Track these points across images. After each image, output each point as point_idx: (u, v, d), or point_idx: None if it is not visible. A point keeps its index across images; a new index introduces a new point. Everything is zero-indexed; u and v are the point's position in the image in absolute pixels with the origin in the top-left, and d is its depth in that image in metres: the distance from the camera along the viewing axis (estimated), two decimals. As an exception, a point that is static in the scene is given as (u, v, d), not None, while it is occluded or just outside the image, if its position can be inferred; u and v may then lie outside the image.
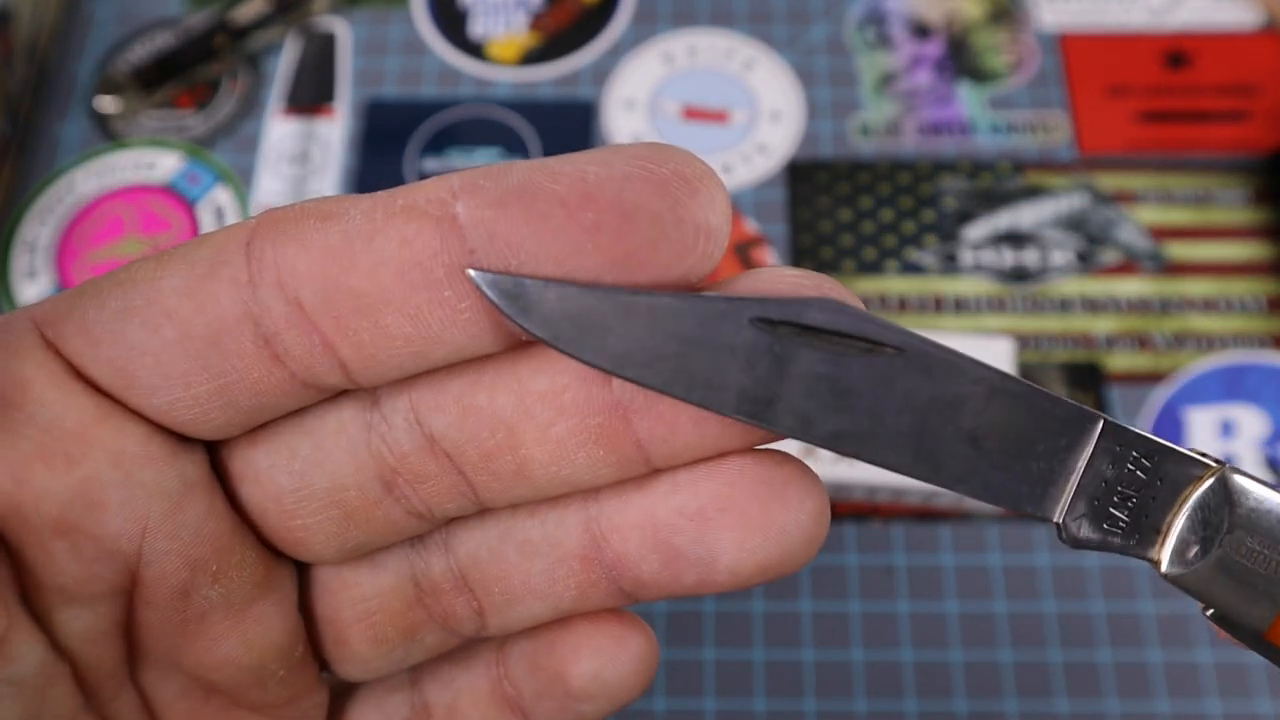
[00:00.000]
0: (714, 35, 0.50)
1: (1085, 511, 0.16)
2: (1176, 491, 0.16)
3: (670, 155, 0.14)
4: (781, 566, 0.16)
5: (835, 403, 0.15)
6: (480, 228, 0.14)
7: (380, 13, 0.51)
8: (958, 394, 0.15)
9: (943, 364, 0.15)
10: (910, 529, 0.39)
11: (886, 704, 0.37)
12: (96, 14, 0.51)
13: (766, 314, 0.15)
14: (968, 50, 0.49)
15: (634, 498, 0.17)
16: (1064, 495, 0.16)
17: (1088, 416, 0.16)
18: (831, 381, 0.15)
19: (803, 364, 0.15)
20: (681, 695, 0.37)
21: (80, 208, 0.46)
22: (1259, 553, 0.15)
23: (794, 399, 0.15)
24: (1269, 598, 0.15)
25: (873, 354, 0.15)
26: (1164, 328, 0.43)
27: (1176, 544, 0.16)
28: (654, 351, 0.15)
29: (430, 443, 0.16)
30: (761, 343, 0.15)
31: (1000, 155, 0.46)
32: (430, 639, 0.19)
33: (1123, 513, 0.16)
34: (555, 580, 0.17)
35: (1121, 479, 0.16)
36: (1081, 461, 0.16)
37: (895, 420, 0.15)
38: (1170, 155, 0.46)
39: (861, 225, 0.45)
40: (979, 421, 0.15)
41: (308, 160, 0.47)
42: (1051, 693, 0.37)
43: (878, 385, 0.15)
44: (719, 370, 0.15)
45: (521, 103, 0.48)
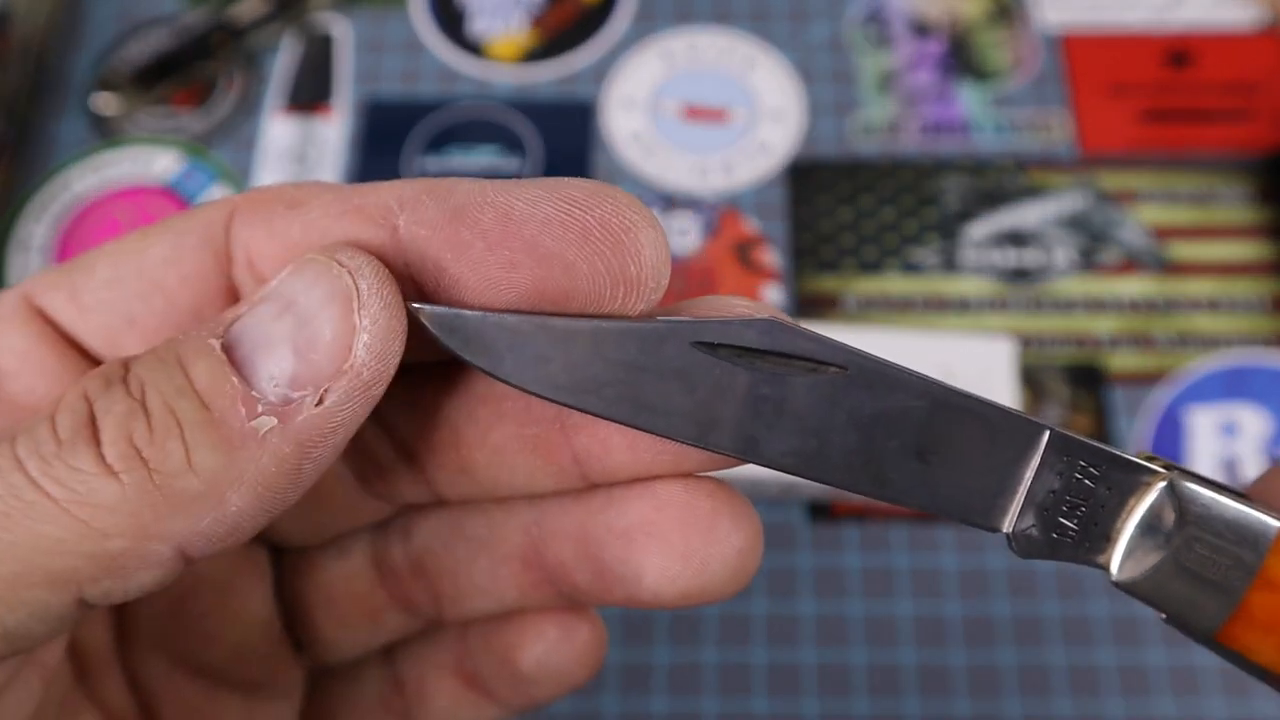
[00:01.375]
0: (714, 34, 0.49)
1: (1034, 521, 0.16)
2: (1125, 499, 0.16)
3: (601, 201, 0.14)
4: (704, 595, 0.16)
5: (780, 423, 0.15)
6: (415, 244, 0.15)
7: (379, 11, 0.50)
8: (903, 409, 0.15)
9: (887, 380, 0.15)
10: (910, 530, 0.39)
11: (887, 705, 0.37)
12: (94, 12, 0.51)
13: (706, 337, 0.15)
14: (969, 49, 0.49)
15: (571, 508, 0.17)
16: (1012, 506, 0.16)
17: (1034, 427, 0.16)
18: (775, 402, 0.15)
19: (745, 386, 0.15)
20: (683, 696, 0.37)
21: (77, 207, 0.46)
22: (1208, 557, 0.16)
23: (738, 421, 0.15)
24: (1218, 599, 0.15)
25: (816, 373, 0.15)
26: (1166, 327, 0.43)
27: (1126, 551, 0.16)
28: (595, 378, 0.15)
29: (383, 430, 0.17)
30: (703, 366, 0.15)
31: (1002, 154, 0.46)
32: (392, 621, 0.19)
33: (1072, 521, 0.16)
34: (497, 579, 0.18)
35: (1070, 488, 0.16)
36: (1029, 472, 0.16)
37: (841, 438, 0.15)
38: (1172, 154, 0.46)
39: (862, 224, 0.45)
40: (925, 436, 0.15)
41: (306, 159, 0.47)
42: (1052, 693, 0.37)
43: (822, 404, 0.15)
44: (661, 394, 0.15)
45: (521, 102, 0.48)
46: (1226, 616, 0.15)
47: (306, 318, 0.14)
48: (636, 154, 0.47)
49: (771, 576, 0.38)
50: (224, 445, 0.14)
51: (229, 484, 0.14)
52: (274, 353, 0.14)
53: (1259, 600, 0.15)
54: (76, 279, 0.16)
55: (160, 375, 0.14)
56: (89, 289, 0.16)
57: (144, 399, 0.14)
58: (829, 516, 0.39)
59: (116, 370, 0.14)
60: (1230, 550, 0.15)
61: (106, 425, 0.14)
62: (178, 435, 0.14)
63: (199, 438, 0.14)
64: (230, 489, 0.14)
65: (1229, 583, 0.15)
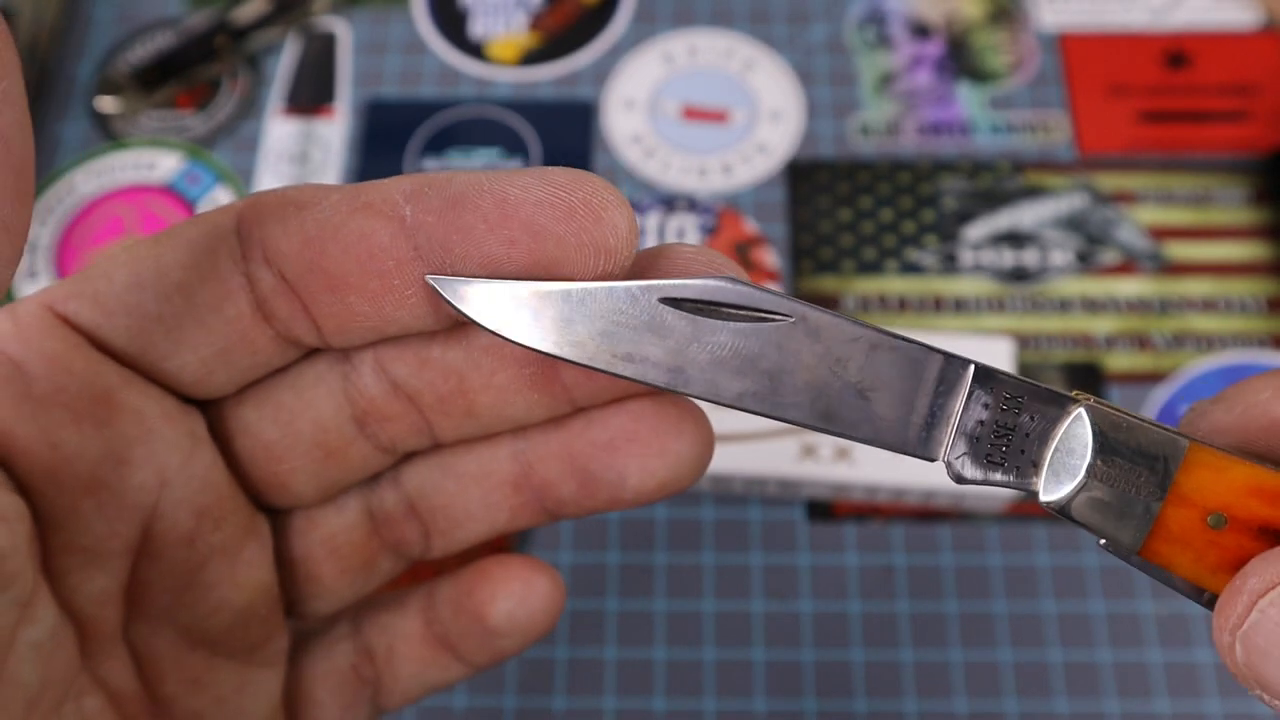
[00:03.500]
0: (714, 35, 0.50)
1: (966, 450, 0.17)
2: (1048, 426, 0.17)
3: (582, 185, 0.17)
4: (677, 484, 0.19)
5: (738, 367, 0.17)
6: (422, 230, 0.17)
7: (380, 13, 0.51)
8: (842, 352, 0.17)
9: (827, 327, 0.17)
10: (910, 529, 0.39)
11: (886, 704, 0.37)
12: (97, 14, 0.51)
13: (673, 294, 0.17)
14: (968, 50, 0.49)
15: (555, 433, 0.20)
16: (946, 437, 0.17)
17: (959, 363, 0.17)
18: (733, 349, 0.17)
19: (707, 335, 0.17)
20: (682, 695, 0.37)
21: (80, 208, 0.46)
22: (1125, 477, 0.17)
23: (701, 366, 0.17)
24: (1138, 518, 0.17)
25: (766, 322, 0.17)
26: (1163, 328, 0.43)
27: (1050, 475, 0.17)
28: (581, 333, 0.17)
29: (394, 388, 0.19)
30: (670, 320, 0.17)
31: (1000, 155, 0.46)
32: (385, 565, 0.21)
33: (1000, 449, 0.17)
34: (490, 505, 0.20)
35: (996, 419, 0.17)
36: (959, 404, 0.17)
37: (792, 379, 0.17)
38: (1170, 155, 0.46)
39: (861, 225, 0.45)
40: (863, 375, 0.17)
41: (308, 160, 0.47)
42: (1051, 692, 0.37)
43: (773, 349, 0.17)
44: (636, 345, 0.17)
45: (521, 103, 0.48)
46: (1146, 533, 0.17)
47: None
48: (636, 154, 0.47)
49: (771, 575, 0.39)
50: None
51: None
52: None
53: (1173, 515, 0.17)
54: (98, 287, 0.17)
55: None
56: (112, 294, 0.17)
57: None
58: (828, 516, 0.40)
59: None
60: (1144, 469, 0.17)
61: None
62: None
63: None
64: None
65: (1146, 501, 0.17)
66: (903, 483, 0.37)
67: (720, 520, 0.40)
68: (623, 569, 0.39)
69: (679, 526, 0.39)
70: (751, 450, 0.37)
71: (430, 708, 0.37)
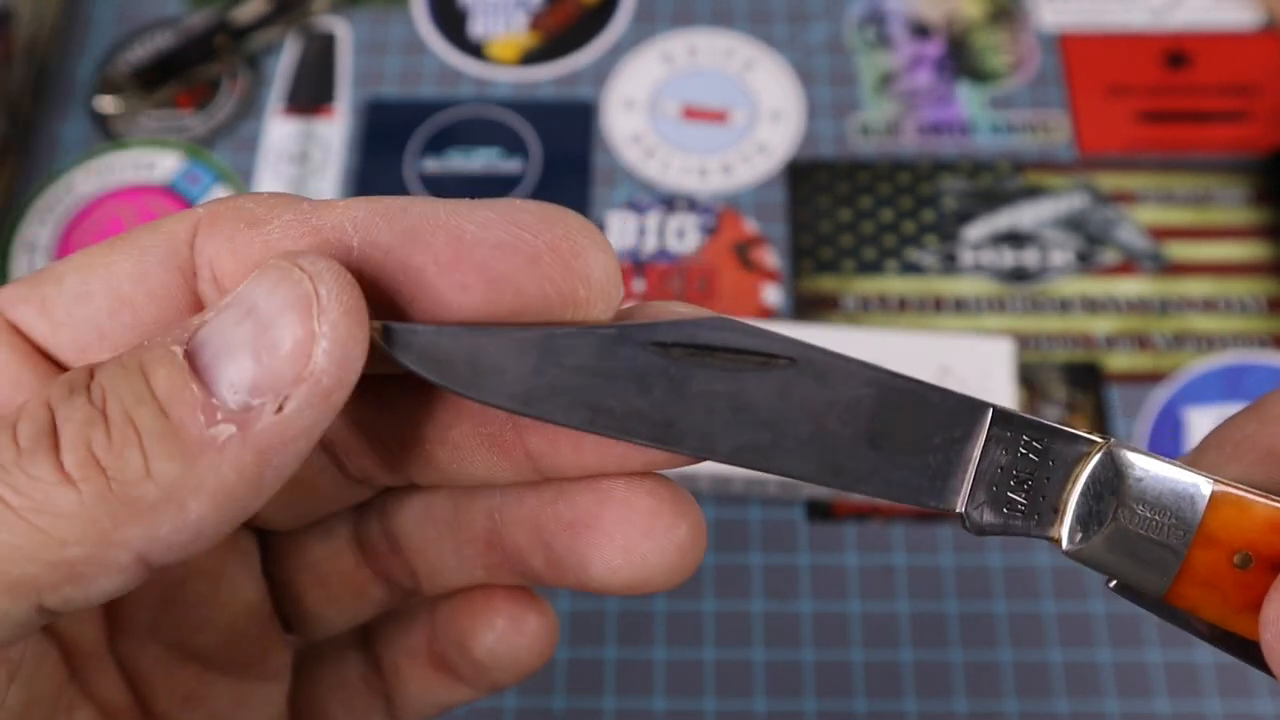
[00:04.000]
0: (714, 35, 0.50)
1: (985, 499, 0.16)
2: (1068, 470, 0.16)
3: (552, 225, 0.15)
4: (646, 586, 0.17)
5: (735, 418, 0.15)
6: (369, 266, 0.15)
7: (380, 13, 0.51)
8: (852, 397, 0.16)
9: (834, 370, 0.16)
10: (909, 529, 0.39)
11: (886, 703, 0.37)
12: (96, 14, 0.51)
13: (659, 337, 0.15)
14: (968, 50, 0.49)
15: (527, 497, 0.18)
16: (963, 485, 0.16)
17: (977, 406, 0.16)
18: (729, 398, 0.15)
19: (699, 383, 0.15)
20: (682, 695, 0.37)
21: (80, 208, 0.46)
22: (1150, 519, 0.16)
23: (694, 418, 0.15)
24: (1163, 562, 0.16)
25: (766, 367, 0.16)
26: (1164, 328, 0.43)
27: (1073, 521, 0.16)
28: (550, 386, 0.15)
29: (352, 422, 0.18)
30: (656, 366, 0.15)
31: (1000, 155, 0.46)
32: (376, 594, 0.20)
33: (1020, 496, 0.16)
34: (464, 558, 0.19)
35: (1016, 463, 0.16)
36: (976, 450, 0.16)
37: (795, 429, 0.16)
38: (1170, 155, 0.46)
39: (861, 225, 0.45)
40: (875, 422, 0.16)
41: (308, 160, 0.47)
42: (1051, 693, 0.37)
43: (774, 397, 0.16)
44: (617, 398, 0.15)
45: (521, 103, 0.48)
46: (1172, 577, 0.16)
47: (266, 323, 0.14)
48: (636, 154, 0.47)
49: (771, 576, 0.39)
50: (182, 454, 0.14)
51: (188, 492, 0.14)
52: (235, 359, 0.14)
53: (1200, 558, 0.16)
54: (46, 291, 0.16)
55: (121, 382, 0.14)
56: (59, 304, 0.16)
57: (104, 406, 0.14)
58: (828, 516, 0.40)
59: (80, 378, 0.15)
60: (1170, 512, 0.16)
61: (66, 433, 0.14)
62: (136, 443, 0.14)
63: (157, 446, 0.14)
64: (190, 497, 0.14)
65: (1171, 544, 0.16)
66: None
67: (720, 520, 0.40)
68: (623, 569, 0.39)
69: (679, 526, 0.39)
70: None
71: (430, 708, 0.37)
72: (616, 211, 0.45)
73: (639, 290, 0.44)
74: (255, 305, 0.14)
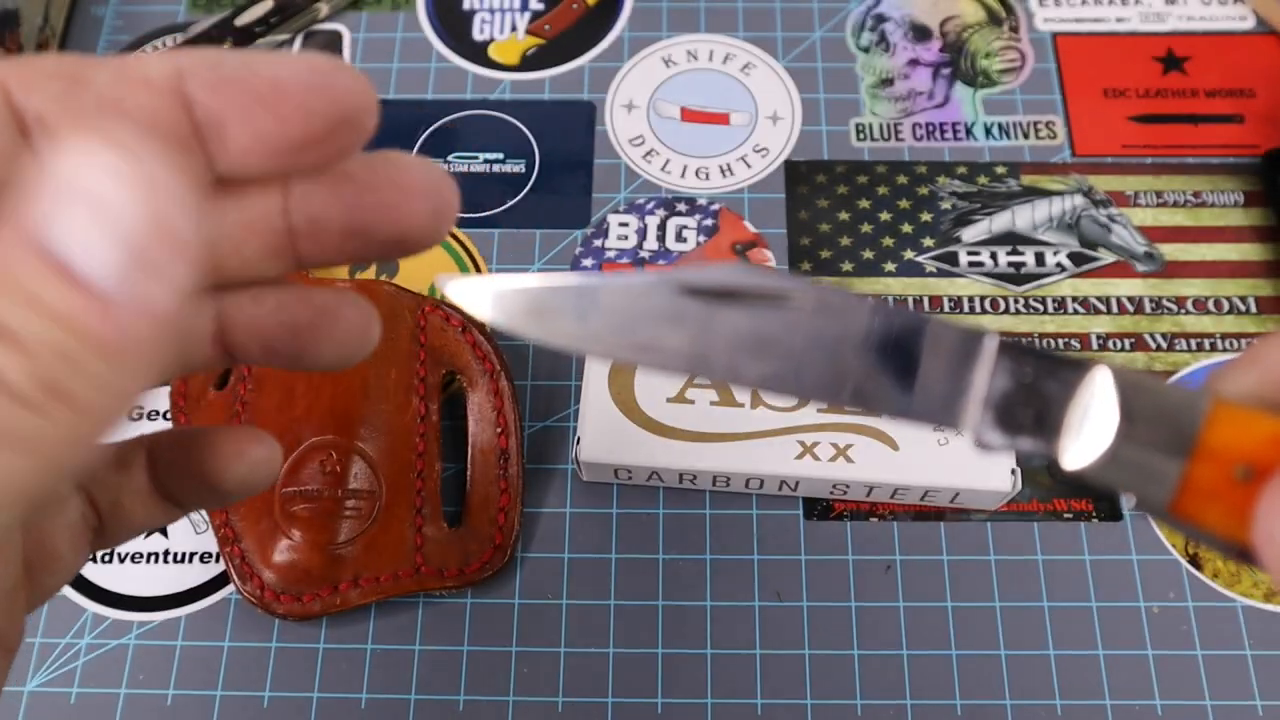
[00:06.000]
0: (713, 39, 0.50)
1: (991, 419, 0.17)
2: (1068, 393, 0.17)
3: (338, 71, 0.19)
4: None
5: (759, 350, 0.17)
6: (199, 106, 0.18)
7: (384, 16, 0.51)
8: (860, 329, 0.17)
9: (845, 305, 0.17)
10: (908, 527, 0.40)
11: (885, 700, 0.37)
12: (102, 17, 0.51)
13: (688, 283, 0.17)
14: (965, 53, 0.49)
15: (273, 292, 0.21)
16: (971, 407, 0.17)
17: (981, 335, 0.17)
18: (753, 333, 0.17)
19: (725, 321, 0.17)
20: (682, 692, 0.37)
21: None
22: (1148, 436, 0.17)
23: (722, 352, 0.17)
24: (1165, 475, 0.17)
25: (782, 305, 0.17)
26: (1158, 328, 0.43)
27: (1074, 438, 0.17)
28: (598, 327, 0.17)
29: None
30: (688, 309, 0.17)
31: (997, 157, 0.47)
32: None
33: (1024, 416, 0.17)
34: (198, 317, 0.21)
35: (1019, 387, 0.17)
36: (981, 376, 0.17)
37: (811, 359, 0.17)
38: (1164, 157, 0.47)
39: (859, 227, 0.45)
40: (885, 351, 0.17)
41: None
42: (1049, 688, 0.37)
43: (791, 331, 0.17)
44: (656, 336, 0.17)
45: (523, 105, 0.49)
46: (1174, 489, 0.17)
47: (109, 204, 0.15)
48: (637, 156, 0.47)
49: (770, 574, 0.39)
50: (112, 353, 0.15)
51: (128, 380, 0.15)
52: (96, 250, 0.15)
53: (1200, 471, 0.16)
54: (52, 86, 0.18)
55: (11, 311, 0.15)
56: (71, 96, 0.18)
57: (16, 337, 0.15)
58: (826, 514, 0.40)
59: None
60: (1169, 428, 0.17)
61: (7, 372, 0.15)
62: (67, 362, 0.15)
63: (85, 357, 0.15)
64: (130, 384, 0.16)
65: (1171, 459, 0.16)
66: (901, 481, 0.37)
67: (719, 519, 0.40)
68: (622, 567, 0.39)
69: (678, 525, 0.40)
70: (751, 449, 0.38)
71: (432, 701, 0.37)
72: (617, 213, 0.46)
73: (640, 291, 0.44)
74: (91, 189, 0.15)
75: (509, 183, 0.47)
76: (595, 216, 0.46)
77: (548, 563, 0.39)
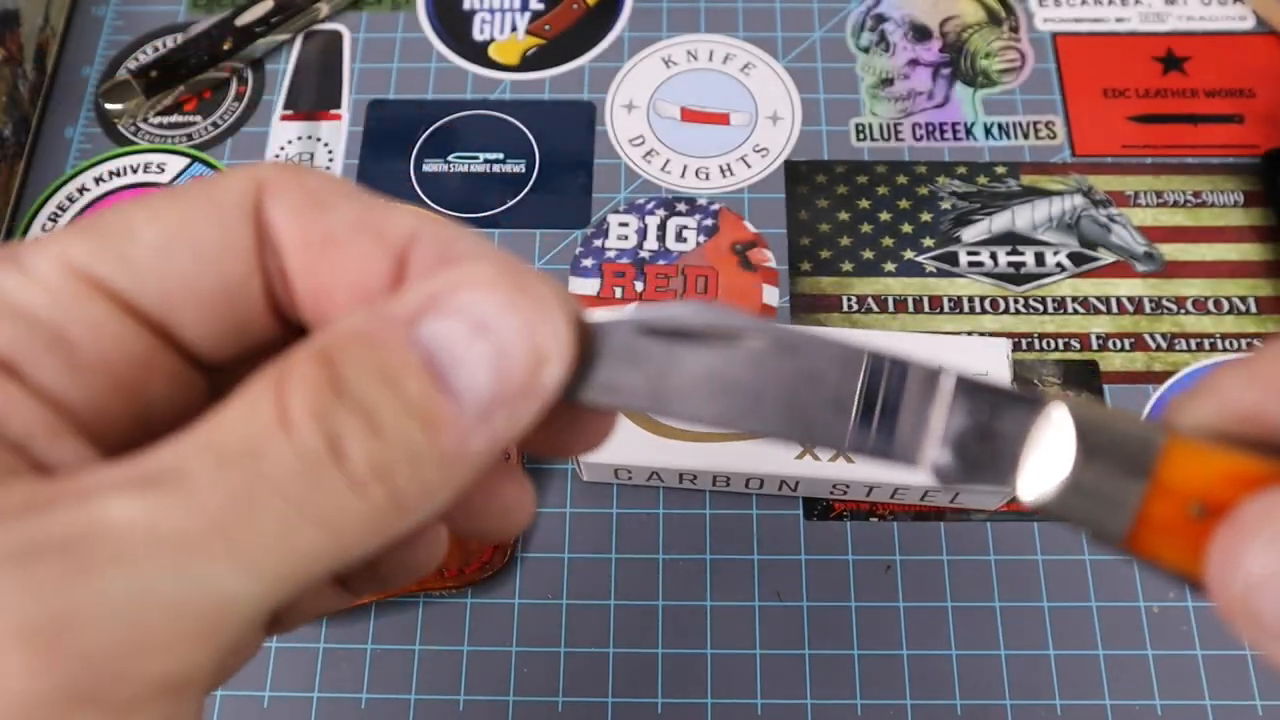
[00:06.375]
0: (713, 39, 0.50)
1: (949, 455, 0.18)
2: (1025, 430, 0.17)
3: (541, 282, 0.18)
4: None
5: (717, 389, 0.18)
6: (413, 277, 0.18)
7: (384, 16, 0.51)
8: (818, 368, 0.18)
9: (802, 344, 0.18)
10: (908, 527, 0.40)
11: (885, 700, 0.37)
12: (103, 17, 0.51)
13: (649, 324, 0.18)
14: (965, 53, 0.49)
15: None
16: (928, 443, 0.18)
17: (939, 373, 0.18)
18: (710, 372, 0.18)
19: (686, 361, 0.18)
20: (682, 692, 0.37)
21: (89, 210, 0.47)
22: (1104, 471, 0.17)
23: (681, 391, 0.18)
24: (1121, 510, 0.17)
25: (739, 343, 0.18)
26: (1158, 328, 0.43)
27: (1030, 475, 0.17)
28: None
29: None
30: (649, 349, 0.18)
31: (997, 157, 0.47)
32: None
33: (983, 455, 0.18)
34: None
35: (977, 425, 0.18)
36: (940, 412, 0.18)
37: (770, 396, 0.18)
38: (1164, 157, 0.47)
39: (859, 227, 0.46)
40: (841, 389, 0.18)
41: (313, 163, 0.48)
42: (1049, 688, 0.37)
43: (750, 369, 0.18)
44: (616, 377, 0.18)
45: (523, 104, 0.49)
46: (1129, 525, 0.17)
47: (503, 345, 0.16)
48: (637, 156, 0.47)
49: (770, 574, 0.39)
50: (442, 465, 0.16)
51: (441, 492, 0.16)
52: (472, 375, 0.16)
53: (1155, 508, 0.16)
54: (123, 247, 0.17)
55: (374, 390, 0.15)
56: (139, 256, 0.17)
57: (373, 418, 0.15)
58: (827, 514, 0.40)
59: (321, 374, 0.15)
60: (1124, 463, 0.17)
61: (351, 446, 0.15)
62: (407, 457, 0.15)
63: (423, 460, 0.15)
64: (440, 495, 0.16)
65: (1128, 493, 0.17)
66: (900, 481, 0.38)
67: (719, 519, 0.40)
68: (622, 567, 0.39)
69: (678, 525, 0.40)
70: (751, 449, 0.38)
71: (432, 701, 0.37)
72: (617, 213, 0.46)
73: (639, 291, 0.44)
74: (487, 322, 0.16)
75: (509, 183, 0.47)
76: (595, 216, 0.46)
77: (548, 563, 0.39)
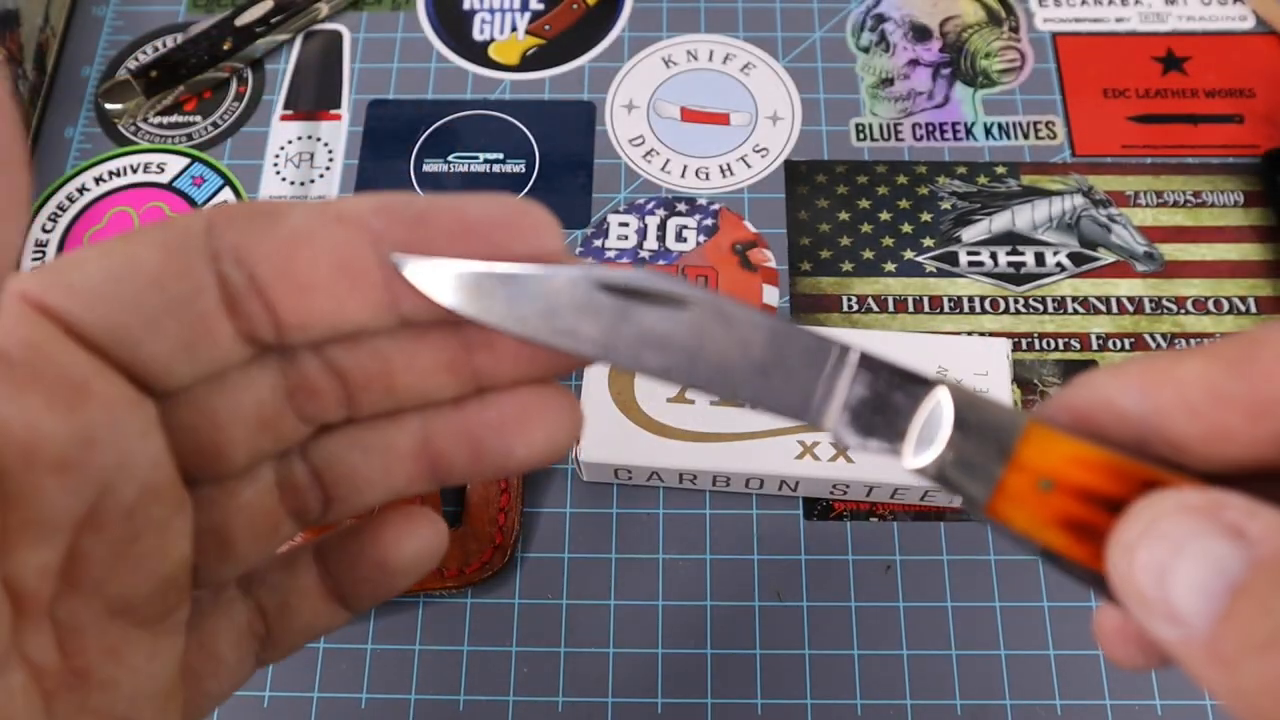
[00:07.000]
0: (713, 39, 0.50)
1: (850, 421, 0.20)
2: (913, 404, 0.20)
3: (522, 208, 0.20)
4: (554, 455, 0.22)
5: (660, 345, 0.20)
6: (388, 241, 0.20)
7: (384, 16, 0.51)
8: (746, 336, 0.20)
9: (734, 315, 0.20)
10: (908, 526, 0.40)
11: (885, 700, 0.37)
12: (103, 17, 0.51)
13: (604, 279, 0.20)
14: (965, 53, 0.49)
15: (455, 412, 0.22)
16: (832, 409, 0.20)
17: (845, 349, 0.20)
18: (656, 330, 0.20)
19: (635, 318, 0.20)
20: (682, 692, 0.37)
21: (88, 210, 0.47)
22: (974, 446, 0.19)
23: (629, 343, 0.20)
24: (985, 480, 0.19)
25: (684, 308, 0.20)
26: (1158, 328, 0.43)
27: (916, 443, 0.20)
28: (526, 311, 0.20)
29: (327, 365, 0.21)
30: (605, 303, 0.20)
31: (997, 157, 0.47)
32: (286, 529, 0.23)
33: (877, 421, 0.20)
34: (390, 473, 0.22)
35: (876, 396, 0.20)
36: (845, 383, 0.20)
37: (706, 356, 0.20)
38: (1164, 157, 0.47)
39: (859, 227, 0.46)
40: (764, 356, 0.20)
41: (312, 163, 0.48)
42: (1048, 688, 0.37)
43: (691, 331, 0.20)
44: (574, 324, 0.20)
45: (523, 104, 0.49)
46: (990, 494, 0.19)
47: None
48: (637, 156, 0.47)
49: (770, 574, 0.39)
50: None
51: None
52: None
53: (1012, 479, 0.19)
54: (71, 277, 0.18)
55: None
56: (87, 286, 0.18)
57: None
58: (826, 514, 0.40)
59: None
60: (992, 441, 0.19)
61: None
62: None
63: None
64: None
65: (991, 467, 0.19)
66: (901, 481, 0.38)
67: (719, 519, 0.40)
68: (622, 567, 0.39)
69: (678, 525, 0.40)
70: (750, 449, 0.38)
71: (432, 701, 0.37)
72: (617, 213, 0.46)
73: (640, 291, 0.44)
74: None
75: (509, 183, 0.47)
76: (595, 216, 0.46)
77: (548, 563, 0.39)
